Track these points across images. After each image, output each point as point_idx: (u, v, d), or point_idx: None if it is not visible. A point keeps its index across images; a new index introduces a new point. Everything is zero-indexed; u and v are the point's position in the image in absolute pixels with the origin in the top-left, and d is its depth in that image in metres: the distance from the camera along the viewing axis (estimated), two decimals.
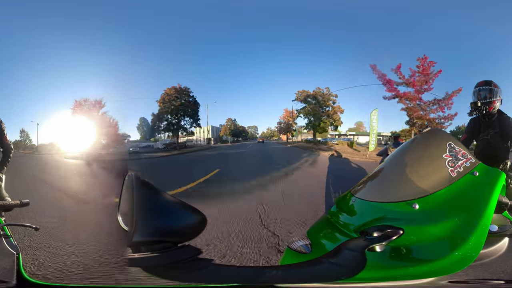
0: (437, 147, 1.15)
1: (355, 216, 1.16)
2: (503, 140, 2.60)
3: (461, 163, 1.07)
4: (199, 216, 0.76)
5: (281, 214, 4.38)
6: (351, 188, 1.31)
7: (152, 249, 0.68)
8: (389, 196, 1.11)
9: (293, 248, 1.25)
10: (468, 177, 1.04)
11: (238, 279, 0.71)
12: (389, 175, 1.29)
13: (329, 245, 1.13)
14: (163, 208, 0.74)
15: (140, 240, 0.68)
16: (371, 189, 1.26)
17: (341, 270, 0.74)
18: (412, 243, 0.95)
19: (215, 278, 0.69)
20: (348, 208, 1.21)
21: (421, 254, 0.94)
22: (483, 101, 2.58)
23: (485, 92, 2.58)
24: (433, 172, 1.10)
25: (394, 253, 0.96)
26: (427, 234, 0.97)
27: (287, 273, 0.74)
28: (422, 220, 0.99)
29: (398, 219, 1.00)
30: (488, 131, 2.68)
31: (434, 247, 0.94)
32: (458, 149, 1.11)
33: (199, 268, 0.68)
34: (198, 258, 0.70)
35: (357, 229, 1.07)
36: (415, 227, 0.97)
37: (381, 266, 0.96)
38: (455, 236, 0.93)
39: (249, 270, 0.76)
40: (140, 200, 0.71)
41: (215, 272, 0.70)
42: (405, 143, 1.39)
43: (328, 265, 0.76)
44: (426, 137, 1.29)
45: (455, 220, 0.96)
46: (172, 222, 0.73)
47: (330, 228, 1.22)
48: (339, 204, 1.30)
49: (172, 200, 0.76)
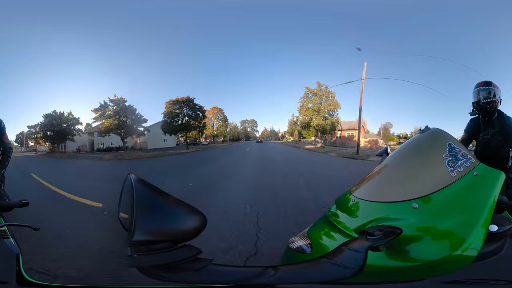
0: (437, 147, 1.15)
1: (355, 216, 1.16)
2: (504, 139, 2.62)
3: (461, 163, 1.07)
4: (199, 216, 0.77)
5: None
6: (350, 188, 1.31)
7: (152, 249, 0.68)
8: (389, 196, 1.11)
9: (293, 248, 1.25)
10: (468, 177, 1.04)
11: (238, 279, 0.71)
12: (388, 175, 1.29)
13: (329, 245, 1.13)
14: (163, 208, 0.74)
15: (140, 239, 0.68)
16: (371, 189, 1.26)
17: (341, 270, 0.74)
18: (412, 243, 0.96)
19: (215, 278, 0.69)
20: (348, 208, 1.21)
21: (421, 254, 0.94)
22: (483, 101, 2.60)
23: (485, 92, 2.60)
24: (433, 172, 1.10)
25: (394, 253, 0.96)
26: (427, 234, 0.97)
27: (287, 273, 0.74)
28: (421, 220, 0.99)
29: (397, 219, 1.00)
30: (488, 130, 2.69)
31: (434, 247, 0.94)
32: (458, 149, 1.11)
33: (199, 268, 0.69)
34: (197, 258, 0.70)
35: (357, 229, 1.07)
36: (414, 227, 0.97)
37: (381, 266, 0.96)
38: (455, 236, 0.93)
39: (249, 270, 0.76)
40: (140, 200, 0.71)
41: (215, 272, 0.70)
42: (405, 143, 1.39)
43: (328, 265, 0.76)
44: (426, 137, 1.29)
45: (455, 220, 0.96)
46: (172, 222, 0.73)
47: (330, 228, 1.21)
48: (339, 204, 1.30)
49: (172, 200, 0.76)
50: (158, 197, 0.76)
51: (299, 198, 5.11)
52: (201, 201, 4.83)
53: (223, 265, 0.73)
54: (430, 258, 0.92)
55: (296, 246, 1.24)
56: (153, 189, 0.76)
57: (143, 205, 0.71)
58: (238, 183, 7.05)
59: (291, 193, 5.59)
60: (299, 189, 6.07)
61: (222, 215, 4.12)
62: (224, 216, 4.12)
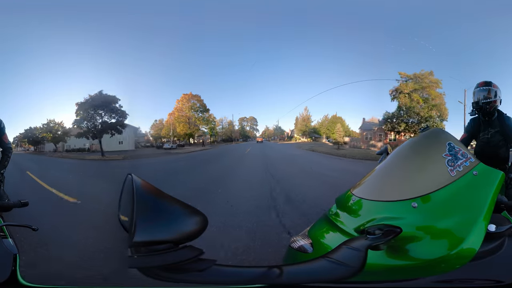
0: (437, 146, 1.15)
1: (355, 215, 1.16)
2: (503, 139, 2.63)
3: (461, 163, 1.07)
4: (200, 216, 0.76)
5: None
6: (351, 187, 1.31)
7: (152, 250, 0.67)
8: (389, 195, 1.11)
9: (294, 248, 1.26)
10: (468, 176, 1.04)
11: (241, 279, 0.71)
12: (388, 174, 1.29)
13: (330, 244, 1.13)
14: (164, 209, 0.74)
15: (141, 240, 0.67)
16: (371, 188, 1.26)
17: (342, 269, 0.74)
18: (411, 242, 0.96)
19: (219, 279, 0.69)
20: (348, 207, 1.21)
21: (420, 253, 0.94)
22: (483, 101, 2.61)
23: (485, 92, 2.61)
24: (433, 171, 1.10)
25: (394, 252, 0.97)
26: (426, 233, 0.97)
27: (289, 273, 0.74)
28: (421, 219, 0.99)
29: (397, 218, 1.00)
30: (488, 130, 2.71)
31: (433, 246, 0.95)
32: (458, 149, 1.11)
33: (201, 269, 0.68)
34: (200, 258, 0.70)
35: (357, 228, 1.07)
36: (414, 226, 0.98)
37: (381, 265, 0.96)
38: (454, 235, 0.94)
39: (252, 270, 0.76)
40: (140, 200, 0.71)
41: (218, 272, 0.70)
42: (405, 142, 1.39)
43: (330, 264, 0.76)
44: (425, 137, 1.29)
45: (454, 219, 0.96)
46: (172, 223, 0.73)
47: (330, 227, 1.22)
48: (339, 203, 1.30)
49: (173, 201, 0.76)
50: (158, 198, 0.75)
51: None
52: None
53: (226, 266, 0.72)
54: (429, 257, 0.93)
55: (298, 245, 1.25)
56: (153, 190, 0.76)
57: (143, 205, 0.71)
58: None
59: None
60: None
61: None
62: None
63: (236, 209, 4.68)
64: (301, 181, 7.26)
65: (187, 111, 12.39)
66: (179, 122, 12.53)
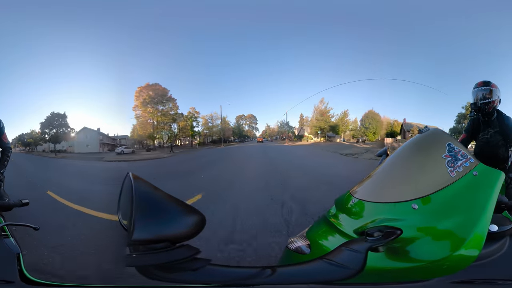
0: (437, 147, 1.15)
1: (355, 217, 1.16)
2: (503, 139, 2.62)
3: (461, 163, 1.07)
4: (198, 216, 0.76)
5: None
6: (350, 189, 1.30)
7: (150, 248, 0.68)
8: (389, 196, 1.10)
9: (292, 249, 1.25)
10: (468, 177, 1.04)
11: (236, 279, 0.71)
12: (388, 176, 1.29)
13: (329, 245, 1.13)
14: (162, 208, 0.74)
15: (139, 239, 0.67)
16: (370, 190, 1.25)
17: (341, 271, 0.74)
18: (412, 244, 0.95)
19: (213, 278, 0.69)
20: (347, 209, 1.21)
21: (421, 254, 0.94)
22: (482, 101, 2.60)
23: (484, 92, 2.60)
24: (433, 172, 1.10)
25: (394, 254, 0.96)
26: (427, 234, 0.96)
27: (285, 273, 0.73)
28: (421, 220, 0.99)
29: (397, 220, 1.00)
30: (488, 130, 2.70)
31: (434, 247, 0.94)
32: (458, 149, 1.11)
33: (196, 268, 0.68)
34: (196, 258, 0.70)
35: (356, 229, 1.06)
36: (414, 227, 0.97)
37: (381, 267, 0.95)
38: (455, 236, 0.93)
39: (247, 270, 0.75)
40: (139, 199, 0.71)
41: (213, 272, 0.70)
42: (405, 143, 1.39)
43: (328, 265, 0.75)
44: (425, 138, 1.29)
45: (455, 220, 0.96)
46: (170, 222, 0.73)
47: (329, 229, 1.21)
48: (338, 205, 1.29)
49: (171, 200, 0.76)
50: (157, 197, 0.75)
51: None
52: None
53: (221, 265, 0.72)
54: (431, 258, 0.92)
55: (295, 246, 1.24)
56: (152, 189, 0.76)
57: (142, 204, 0.71)
58: None
59: None
60: None
61: None
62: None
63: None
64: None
65: (140, 106, 9.37)
66: (139, 123, 9.87)
